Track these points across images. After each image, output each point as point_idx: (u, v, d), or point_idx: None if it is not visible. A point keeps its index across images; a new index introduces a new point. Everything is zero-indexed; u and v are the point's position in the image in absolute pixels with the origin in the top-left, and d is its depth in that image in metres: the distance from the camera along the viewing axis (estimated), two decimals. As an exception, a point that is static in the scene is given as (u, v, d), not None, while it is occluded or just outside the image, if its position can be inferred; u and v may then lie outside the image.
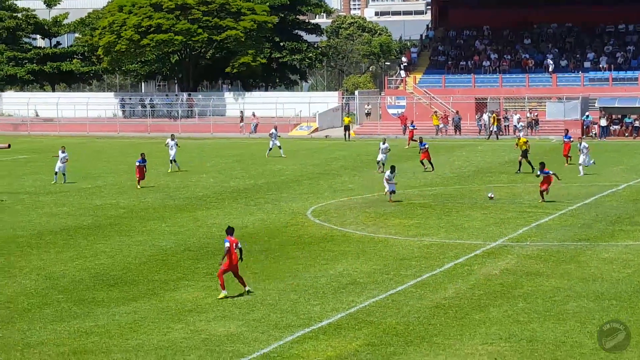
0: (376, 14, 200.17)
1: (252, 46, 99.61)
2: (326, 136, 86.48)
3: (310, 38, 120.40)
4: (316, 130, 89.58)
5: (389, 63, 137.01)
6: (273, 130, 69.10)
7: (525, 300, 26.42)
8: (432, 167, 56.65)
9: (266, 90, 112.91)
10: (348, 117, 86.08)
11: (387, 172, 45.30)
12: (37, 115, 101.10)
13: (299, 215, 41.54)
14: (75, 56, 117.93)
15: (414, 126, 76.89)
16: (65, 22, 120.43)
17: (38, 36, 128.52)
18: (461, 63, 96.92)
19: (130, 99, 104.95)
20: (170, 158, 59.36)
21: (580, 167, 54.03)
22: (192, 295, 27.69)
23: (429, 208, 42.94)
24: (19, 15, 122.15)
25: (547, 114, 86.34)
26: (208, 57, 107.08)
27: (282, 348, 22.54)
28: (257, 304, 26.57)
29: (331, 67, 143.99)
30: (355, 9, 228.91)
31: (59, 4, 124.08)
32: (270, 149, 67.98)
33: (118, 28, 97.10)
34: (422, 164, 57.15)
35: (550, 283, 28.35)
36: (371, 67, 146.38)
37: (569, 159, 58.86)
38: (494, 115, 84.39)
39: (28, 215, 42.56)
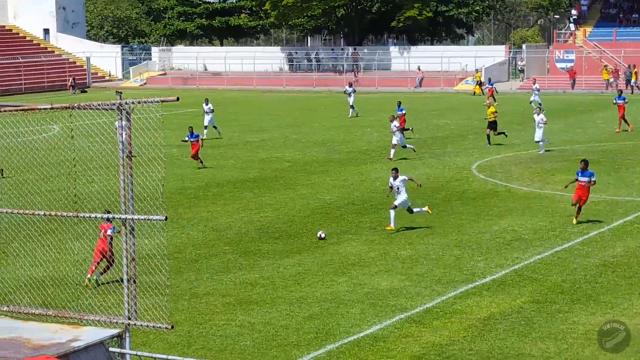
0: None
1: (418, 0, 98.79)
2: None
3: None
4: (482, 84, 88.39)
5: (557, 16, 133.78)
6: (346, 87, 66.04)
7: (698, 260, 25.54)
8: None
9: (432, 44, 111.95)
10: (478, 73, 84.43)
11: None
12: (205, 69, 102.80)
13: (464, 170, 41.12)
14: (243, 11, 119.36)
15: (492, 84, 73.24)
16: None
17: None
18: (633, 16, 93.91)
19: (296, 53, 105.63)
20: (205, 124, 54.41)
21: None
22: (356, 249, 27.75)
23: (597, 164, 41.85)
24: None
25: None
26: (374, 11, 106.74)
27: (445, 303, 22.39)
28: (420, 259, 26.45)
29: (498, 21, 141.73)
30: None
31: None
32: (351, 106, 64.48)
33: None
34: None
35: None
36: (539, 20, 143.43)
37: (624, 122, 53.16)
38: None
39: (196, 167, 43.35)
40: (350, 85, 62.72)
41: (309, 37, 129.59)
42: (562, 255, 26.52)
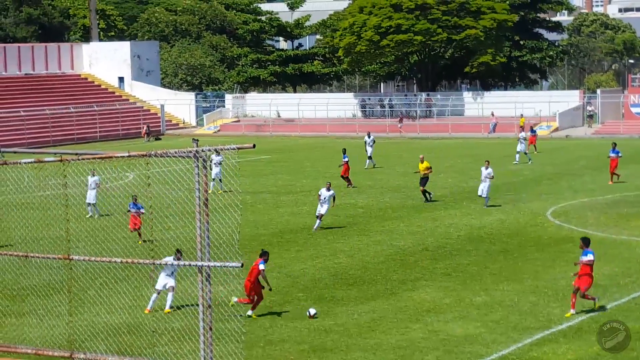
0: (619, 10, 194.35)
1: (491, 45, 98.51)
2: (567, 136, 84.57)
3: (551, 36, 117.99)
4: (556, 129, 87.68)
5: (632, 61, 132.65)
6: (366, 138, 63.68)
7: None
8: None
9: (505, 89, 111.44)
10: (522, 118, 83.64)
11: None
12: (278, 115, 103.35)
13: (539, 216, 40.71)
14: (316, 57, 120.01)
15: (534, 132, 72.28)
16: (307, 24, 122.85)
17: (281, 38, 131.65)
18: None
19: (369, 99, 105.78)
20: (212, 176, 49.28)
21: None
22: (430, 296, 27.57)
23: (676, 210, 41.25)
24: (263, 18, 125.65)
25: None
26: (447, 57, 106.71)
27: (520, 350, 22.12)
28: (496, 305, 26.18)
29: (572, 66, 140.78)
30: (597, 5, 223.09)
31: (302, 6, 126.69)
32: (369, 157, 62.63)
33: (358, 29, 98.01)
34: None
35: None
36: (614, 65, 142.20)
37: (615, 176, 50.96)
38: None
39: (269, 214, 43.50)
40: (370, 135, 61.67)
41: (382, 83, 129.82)
42: (640, 302, 26.09)
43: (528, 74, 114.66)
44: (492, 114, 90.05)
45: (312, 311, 25.80)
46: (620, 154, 51.19)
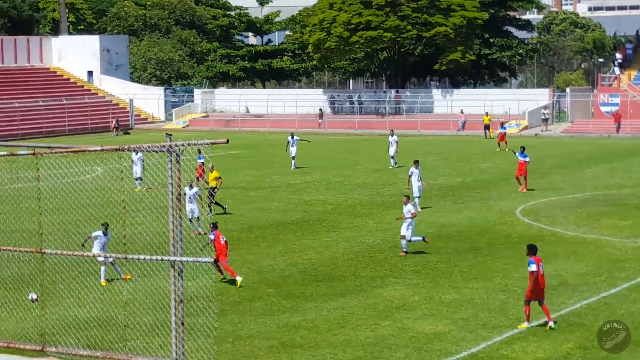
0: (589, 9, 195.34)
1: (461, 43, 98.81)
2: (536, 134, 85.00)
3: (521, 34, 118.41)
4: (525, 128, 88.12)
5: (602, 60, 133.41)
6: (289, 138, 60.91)
7: None
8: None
9: (475, 87, 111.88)
10: (487, 116, 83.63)
11: None
12: (247, 111, 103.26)
13: (508, 214, 40.90)
14: (285, 53, 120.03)
15: (504, 128, 72.67)
16: (276, 19, 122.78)
17: (250, 34, 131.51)
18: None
19: (338, 95, 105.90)
20: (135, 176, 48.55)
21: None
22: (400, 293, 27.64)
23: (643, 209, 41.58)
24: (232, 13, 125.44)
25: None
26: (417, 54, 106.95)
27: (490, 348, 22.21)
28: (465, 303, 26.29)
29: (542, 64, 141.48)
30: (567, 4, 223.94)
31: (271, 2, 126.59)
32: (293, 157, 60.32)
33: (328, 25, 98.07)
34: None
35: None
36: (583, 64, 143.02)
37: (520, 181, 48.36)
38: None
39: (239, 209, 43.46)
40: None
41: (351, 80, 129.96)
42: (609, 300, 26.26)
43: (497, 72, 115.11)
44: (462, 112, 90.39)
45: (34, 296, 25.27)
46: (528, 159, 48.09)
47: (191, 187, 36.30)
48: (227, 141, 15.25)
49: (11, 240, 31.75)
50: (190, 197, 36.13)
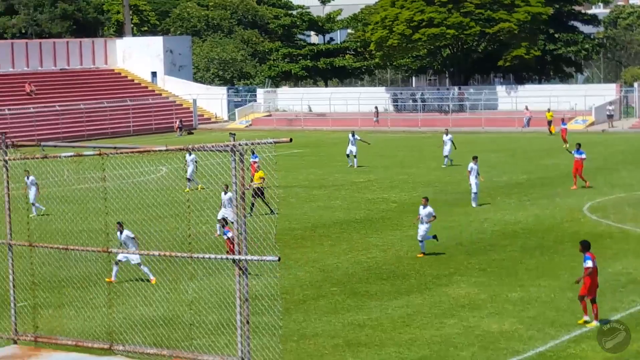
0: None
1: (525, 38, 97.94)
2: (603, 130, 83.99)
3: (587, 29, 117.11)
4: (592, 124, 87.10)
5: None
6: (349, 136, 60.54)
7: None
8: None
9: (539, 83, 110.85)
10: (549, 112, 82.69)
11: None
12: (310, 110, 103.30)
13: (575, 211, 40.41)
14: (347, 52, 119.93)
15: (565, 125, 71.82)
16: (338, 18, 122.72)
17: (312, 33, 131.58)
18: None
19: (401, 93, 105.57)
20: (187, 175, 48.32)
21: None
22: (465, 291, 27.44)
23: None
24: (294, 12, 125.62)
25: None
26: (480, 50, 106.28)
27: (558, 347, 21.95)
28: (532, 301, 26.02)
29: (608, 59, 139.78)
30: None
31: (333, 0, 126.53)
32: (348, 155, 60.07)
33: (390, 23, 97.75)
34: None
35: None
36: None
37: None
38: None
39: (302, 208, 43.46)
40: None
41: (414, 77, 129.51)
42: (680, 298, 25.85)
43: (563, 67, 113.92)
44: (526, 108, 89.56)
45: None
46: (584, 156, 47.42)
47: (226, 191, 35.60)
48: (290, 140, 15.20)
49: (78, 239, 32.12)
50: (224, 202, 36.01)
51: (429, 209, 32.31)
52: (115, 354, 16.63)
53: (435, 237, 32.80)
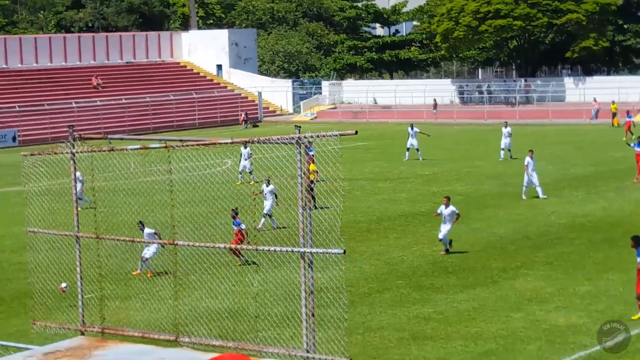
0: None
1: (594, 30, 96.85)
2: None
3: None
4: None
5: None
6: (409, 129, 59.47)
7: None
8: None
9: (608, 74, 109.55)
10: (614, 104, 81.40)
11: None
12: (375, 102, 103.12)
13: (644, 204, 39.90)
14: (413, 44, 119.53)
15: (630, 117, 70.65)
16: (404, 10, 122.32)
17: (377, 25, 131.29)
18: None
19: (467, 85, 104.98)
20: (240, 168, 48.46)
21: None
22: (532, 284, 27.22)
23: None
24: (360, 5, 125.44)
25: None
26: (547, 42, 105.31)
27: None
28: (600, 295, 25.73)
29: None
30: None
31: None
32: (408, 148, 59.25)
33: (456, 15, 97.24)
34: None
35: None
36: None
37: None
38: None
39: (367, 201, 43.40)
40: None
41: (480, 69, 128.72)
42: None
43: (632, 58, 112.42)
44: (595, 100, 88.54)
45: (64, 285, 25.11)
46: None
47: (268, 184, 35.96)
48: (356, 132, 15.16)
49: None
50: (266, 194, 36.03)
51: (452, 208, 31.57)
52: (181, 345, 16.73)
53: (450, 242, 31.87)
